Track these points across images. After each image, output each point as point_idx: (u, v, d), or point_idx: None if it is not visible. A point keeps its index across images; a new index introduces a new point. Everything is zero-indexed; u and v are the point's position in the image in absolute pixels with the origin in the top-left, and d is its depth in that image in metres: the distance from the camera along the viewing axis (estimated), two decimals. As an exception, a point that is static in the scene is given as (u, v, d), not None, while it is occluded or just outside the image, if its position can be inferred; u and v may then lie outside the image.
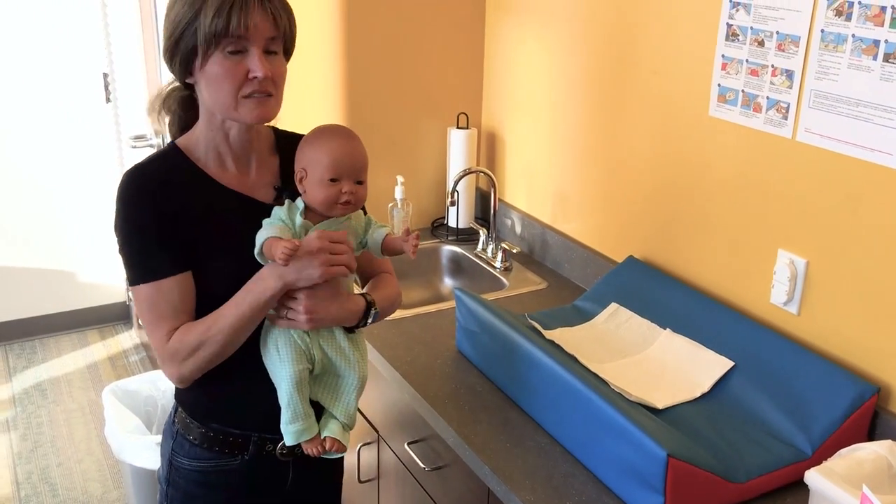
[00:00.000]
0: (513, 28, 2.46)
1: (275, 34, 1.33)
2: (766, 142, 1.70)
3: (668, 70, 1.91)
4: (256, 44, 1.31)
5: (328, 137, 1.40)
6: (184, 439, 1.50)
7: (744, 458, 1.47)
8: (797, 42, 1.59)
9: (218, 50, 1.30)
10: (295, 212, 1.39)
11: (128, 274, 1.38)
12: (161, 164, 1.41)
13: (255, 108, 1.34)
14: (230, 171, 1.43)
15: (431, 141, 2.64)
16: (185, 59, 1.33)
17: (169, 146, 1.43)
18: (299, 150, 1.42)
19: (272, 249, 1.31)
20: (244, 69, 1.31)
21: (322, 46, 2.42)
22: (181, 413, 1.51)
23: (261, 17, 1.30)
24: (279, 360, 1.38)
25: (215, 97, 1.34)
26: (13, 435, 3.35)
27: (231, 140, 1.42)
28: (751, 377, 1.64)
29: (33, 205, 3.92)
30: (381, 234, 1.46)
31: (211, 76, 1.32)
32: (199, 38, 1.29)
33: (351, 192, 1.38)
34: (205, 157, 1.42)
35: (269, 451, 1.49)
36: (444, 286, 2.57)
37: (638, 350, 1.81)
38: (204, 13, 1.28)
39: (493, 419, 1.67)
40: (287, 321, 1.37)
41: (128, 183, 1.36)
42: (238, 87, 1.32)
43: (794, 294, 1.68)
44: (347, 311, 1.42)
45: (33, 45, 3.73)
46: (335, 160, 1.37)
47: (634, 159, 2.06)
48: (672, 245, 1.99)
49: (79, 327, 4.17)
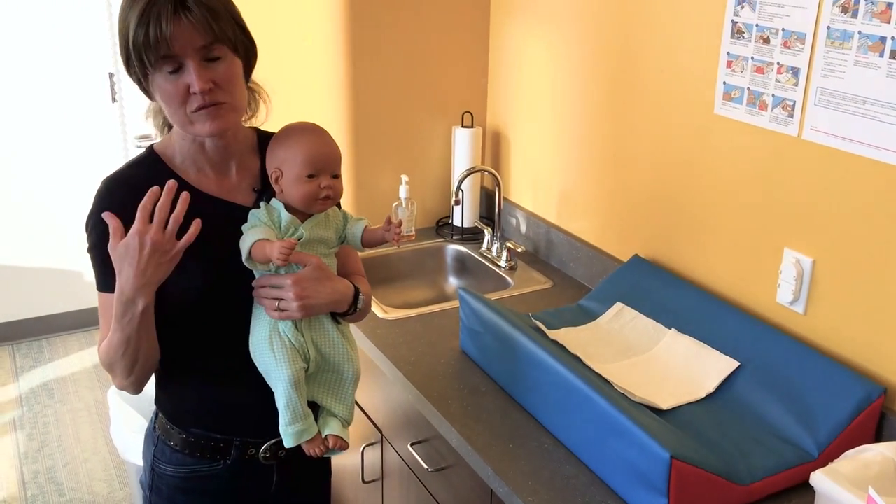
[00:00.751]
0: (518, 26, 2.45)
1: (205, 42, 1.26)
2: (772, 140, 1.68)
3: (673, 68, 1.90)
4: (189, 56, 1.26)
5: (300, 134, 1.40)
6: (165, 445, 1.48)
7: (749, 460, 1.46)
8: (803, 39, 1.58)
9: (157, 69, 1.27)
10: (275, 212, 1.39)
11: (95, 276, 1.38)
12: (137, 171, 1.39)
13: (207, 121, 1.30)
14: (209, 176, 1.41)
15: (436, 140, 2.63)
16: (136, 77, 1.31)
17: (147, 151, 1.42)
18: (270, 151, 1.41)
19: (266, 251, 1.30)
20: (184, 85, 1.27)
21: (326, 45, 2.42)
22: (161, 418, 1.50)
23: (179, 29, 1.24)
24: (275, 362, 1.36)
25: (170, 116, 1.33)
26: (20, 434, 3.36)
27: (207, 149, 1.40)
28: (756, 378, 1.63)
29: (39, 204, 3.94)
30: (360, 227, 1.46)
31: (160, 96, 1.30)
32: (133, 54, 1.26)
33: (329, 187, 1.38)
34: (182, 164, 1.40)
35: (251, 456, 1.48)
36: (449, 286, 2.56)
37: (643, 350, 1.80)
38: (130, 31, 1.25)
39: (496, 420, 1.66)
40: (279, 312, 1.35)
41: (103, 192, 1.35)
42: (183, 104, 1.29)
43: (800, 293, 1.66)
44: (339, 292, 1.41)
45: (40, 46, 3.73)
46: (311, 156, 1.37)
47: (640, 158, 2.05)
48: (677, 244, 1.98)
49: (85, 327, 4.18)
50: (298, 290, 1.34)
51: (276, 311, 1.35)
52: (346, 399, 1.46)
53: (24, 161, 3.85)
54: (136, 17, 1.23)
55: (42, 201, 3.94)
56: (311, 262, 1.37)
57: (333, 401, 1.45)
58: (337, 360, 1.43)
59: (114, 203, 1.33)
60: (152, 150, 1.42)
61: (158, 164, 1.39)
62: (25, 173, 3.87)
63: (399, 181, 2.49)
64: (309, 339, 1.40)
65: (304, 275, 1.36)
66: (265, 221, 1.37)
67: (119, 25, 1.28)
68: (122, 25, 1.27)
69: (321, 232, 1.42)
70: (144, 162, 1.40)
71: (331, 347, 1.42)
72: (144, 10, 1.23)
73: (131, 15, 1.24)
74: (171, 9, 1.23)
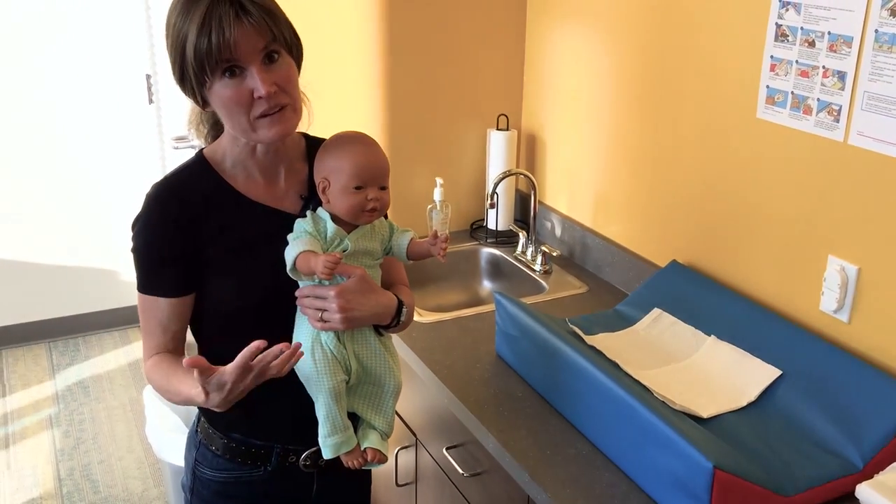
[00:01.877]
0: (554, 28, 2.44)
1: (265, 43, 1.26)
2: (817, 145, 1.65)
3: (715, 71, 1.88)
4: (251, 61, 1.26)
5: (349, 145, 1.39)
6: (206, 449, 1.49)
7: (792, 471, 1.43)
8: (850, 43, 1.55)
9: (216, 75, 1.26)
10: (321, 222, 1.38)
11: (136, 276, 1.39)
12: (187, 178, 1.39)
13: (272, 126, 1.30)
14: (258, 182, 1.41)
15: (471, 142, 2.62)
16: (191, 87, 1.30)
17: (196, 157, 1.42)
18: (318, 160, 1.40)
19: (311, 264, 1.30)
20: (248, 90, 1.27)
21: (362, 48, 2.42)
22: (203, 423, 1.51)
23: (242, 33, 1.23)
24: (316, 372, 1.36)
25: (230, 123, 1.32)
26: (56, 432, 3.40)
27: (258, 155, 1.39)
28: (799, 387, 1.60)
29: (76, 204, 3.99)
30: (407, 239, 1.45)
31: (219, 103, 1.29)
32: (193, 64, 1.25)
33: (377, 199, 1.37)
34: (231, 170, 1.40)
35: (292, 463, 1.48)
36: (483, 289, 2.56)
37: (682, 357, 1.77)
38: (188, 41, 1.24)
39: (533, 426, 1.65)
40: (322, 323, 1.35)
41: (152, 197, 1.36)
42: (247, 110, 1.28)
43: (844, 302, 1.63)
44: (383, 305, 1.40)
45: (78, 48, 3.78)
46: (359, 167, 1.36)
47: (678, 161, 2.03)
48: (717, 249, 1.95)
49: (121, 325, 4.22)
50: (342, 301, 1.33)
51: (319, 321, 1.35)
52: (387, 412, 1.45)
53: (62, 162, 3.90)
54: (197, 26, 1.23)
55: (80, 201, 3.99)
56: (355, 274, 1.36)
57: (373, 413, 1.44)
58: (378, 372, 1.42)
59: (163, 208, 1.34)
60: (202, 154, 1.42)
61: (208, 169, 1.39)
62: (63, 174, 3.92)
63: (433, 184, 2.49)
64: (351, 350, 1.39)
65: (348, 286, 1.35)
66: (311, 232, 1.36)
67: (172, 40, 1.28)
68: (176, 39, 1.26)
69: (366, 243, 1.41)
70: (194, 167, 1.40)
71: (373, 359, 1.41)
72: (204, 18, 1.22)
73: (189, 26, 1.24)
74: (233, 13, 1.23)
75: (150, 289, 1.37)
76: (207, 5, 1.23)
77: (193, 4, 1.24)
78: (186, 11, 1.25)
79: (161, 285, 1.36)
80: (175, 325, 1.39)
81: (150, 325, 1.39)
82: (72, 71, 3.80)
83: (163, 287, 1.36)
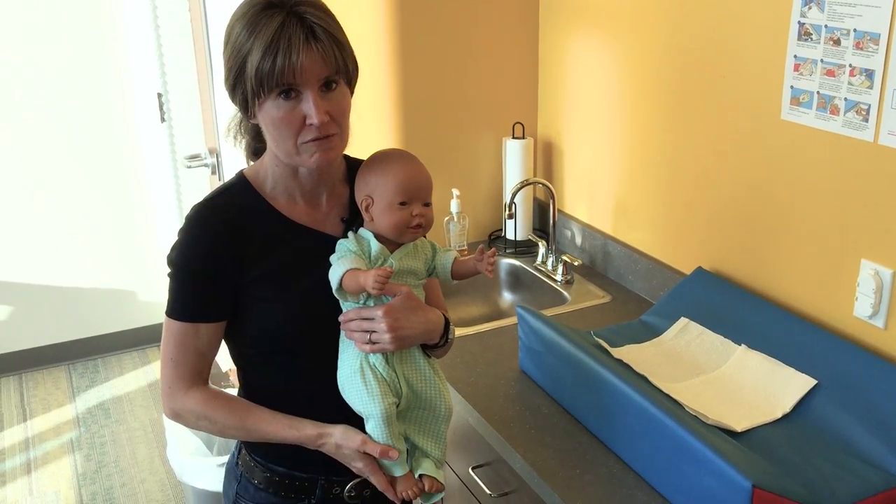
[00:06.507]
0: (568, 33, 2.39)
1: (329, 73, 1.24)
2: (846, 146, 1.60)
3: (735, 72, 1.83)
4: (310, 87, 1.23)
5: (393, 161, 1.36)
6: (248, 482, 1.45)
7: (832, 486, 1.38)
8: (877, 40, 1.50)
9: (272, 94, 1.23)
10: (365, 241, 1.35)
11: (168, 301, 1.35)
12: (228, 199, 1.36)
13: (317, 153, 1.27)
14: (299, 204, 1.38)
15: (487, 152, 2.58)
16: (242, 98, 1.27)
17: (237, 177, 1.39)
18: (360, 178, 1.37)
19: (360, 280, 1.26)
20: (300, 115, 1.24)
21: (375, 58, 2.39)
22: (244, 454, 1.46)
23: (310, 60, 1.21)
24: (369, 396, 1.31)
25: (275, 142, 1.29)
26: (77, 455, 3.38)
27: (300, 177, 1.36)
28: (835, 396, 1.55)
29: (92, 224, 3.98)
30: (451, 258, 1.41)
31: (268, 121, 1.26)
32: (252, 80, 1.22)
33: (421, 215, 1.34)
34: (273, 191, 1.37)
35: (336, 495, 1.43)
36: (504, 301, 2.51)
37: (712, 368, 1.72)
38: (251, 56, 1.21)
39: (561, 443, 1.61)
40: (371, 345, 1.30)
41: (194, 219, 1.33)
42: (296, 133, 1.25)
43: (879, 307, 1.58)
44: (432, 322, 1.36)
45: (90, 67, 3.78)
46: (404, 183, 1.33)
47: (701, 166, 1.98)
48: (744, 256, 1.90)
49: (140, 345, 4.21)
50: (391, 320, 1.29)
51: (367, 343, 1.30)
52: (440, 437, 1.40)
53: (76, 182, 3.90)
54: (264, 44, 1.19)
55: (96, 221, 3.98)
56: (401, 292, 1.32)
57: (426, 439, 1.39)
58: (429, 395, 1.37)
59: (206, 228, 1.32)
60: (243, 175, 1.39)
61: (249, 190, 1.36)
62: (77, 194, 3.91)
63: (450, 195, 2.45)
64: (401, 373, 1.35)
65: (395, 305, 1.31)
66: (354, 251, 1.32)
67: (232, 50, 1.24)
68: (238, 51, 1.23)
69: (411, 262, 1.37)
70: (235, 188, 1.37)
71: (423, 383, 1.37)
72: (274, 37, 1.19)
73: (254, 42, 1.20)
74: (304, 37, 1.20)
75: (188, 314, 1.33)
76: (279, 24, 1.20)
77: (263, 19, 1.21)
78: (254, 25, 1.21)
79: (198, 311, 1.32)
80: (212, 353, 1.35)
81: (184, 354, 1.34)
82: (84, 91, 3.80)
83: (200, 312, 1.32)
